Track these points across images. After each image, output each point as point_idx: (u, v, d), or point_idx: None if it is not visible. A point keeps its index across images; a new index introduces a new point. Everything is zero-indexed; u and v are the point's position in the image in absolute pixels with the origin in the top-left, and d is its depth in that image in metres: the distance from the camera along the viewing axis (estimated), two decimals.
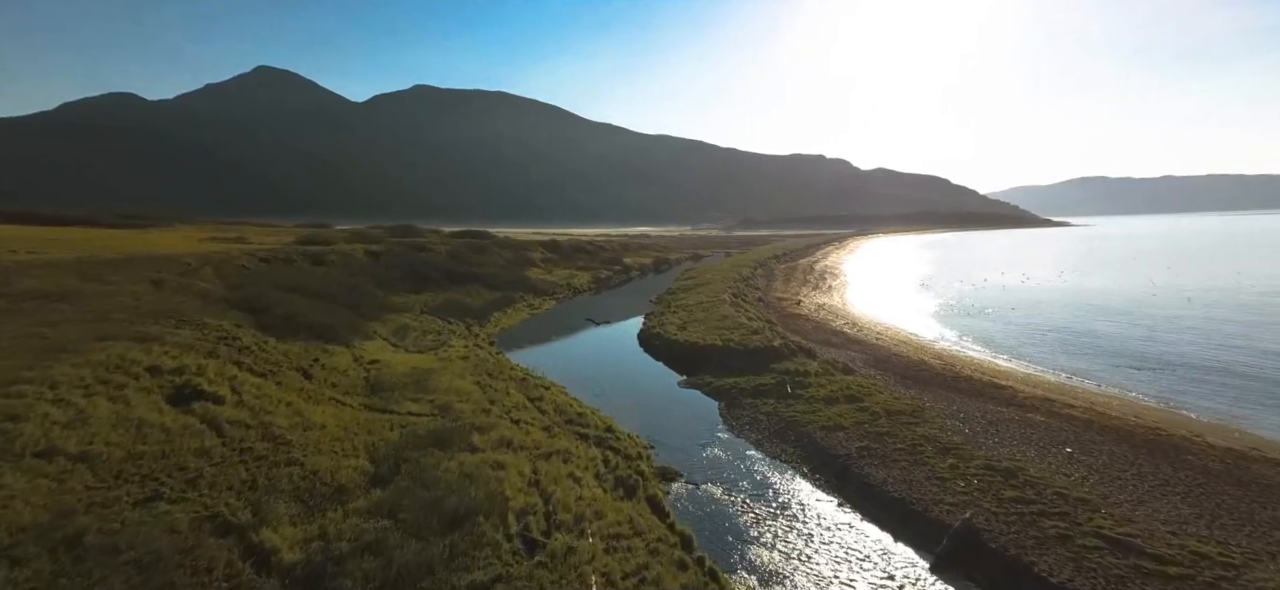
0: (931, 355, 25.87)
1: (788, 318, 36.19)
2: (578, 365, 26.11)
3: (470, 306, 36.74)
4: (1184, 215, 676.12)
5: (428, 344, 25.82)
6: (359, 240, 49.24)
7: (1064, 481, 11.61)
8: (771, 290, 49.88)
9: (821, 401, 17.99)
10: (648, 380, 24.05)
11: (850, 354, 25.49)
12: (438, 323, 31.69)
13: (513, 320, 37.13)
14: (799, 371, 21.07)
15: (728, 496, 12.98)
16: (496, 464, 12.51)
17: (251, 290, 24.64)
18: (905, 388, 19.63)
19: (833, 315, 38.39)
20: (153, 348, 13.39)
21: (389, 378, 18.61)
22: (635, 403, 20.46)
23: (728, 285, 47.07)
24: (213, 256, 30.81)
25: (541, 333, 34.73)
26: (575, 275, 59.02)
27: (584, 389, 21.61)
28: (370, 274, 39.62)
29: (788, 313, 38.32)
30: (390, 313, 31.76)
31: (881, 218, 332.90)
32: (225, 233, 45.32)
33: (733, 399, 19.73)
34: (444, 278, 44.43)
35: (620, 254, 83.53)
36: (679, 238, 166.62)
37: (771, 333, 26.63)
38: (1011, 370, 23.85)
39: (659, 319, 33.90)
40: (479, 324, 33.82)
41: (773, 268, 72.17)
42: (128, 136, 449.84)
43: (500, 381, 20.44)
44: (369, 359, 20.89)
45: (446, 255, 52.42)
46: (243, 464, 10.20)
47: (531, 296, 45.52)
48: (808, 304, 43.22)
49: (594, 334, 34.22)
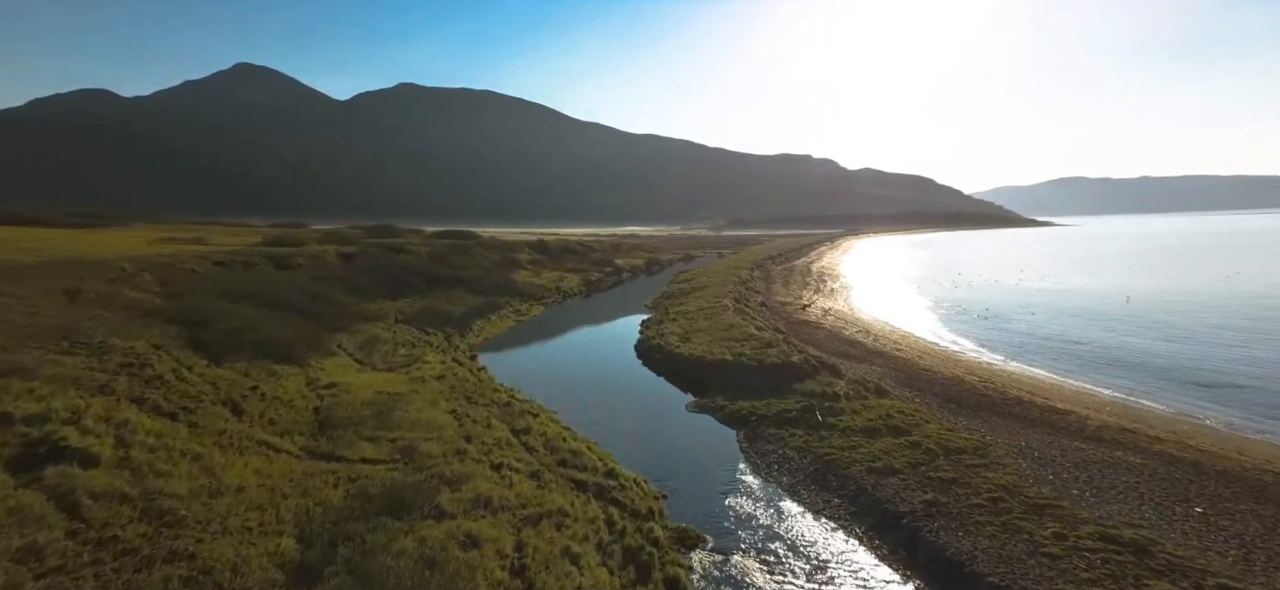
0: (963, 369, 23.23)
1: (796, 325, 33.46)
2: (570, 383, 23.11)
3: (451, 314, 33.54)
4: (1164, 216, 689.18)
5: (399, 360, 22.67)
6: (332, 241, 45.75)
7: (1223, 566, 8.86)
8: (773, 294, 47.21)
9: (861, 433, 15.18)
10: (651, 401, 21.13)
11: (874, 369, 22.78)
12: (413, 333, 28.51)
13: (498, 328, 33.99)
14: (826, 393, 18.27)
15: (769, 576, 10.08)
16: (468, 538, 9.51)
17: (194, 300, 21.31)
18: (953, 414, 16.92)
19: (843, 322, 35.75)
20: (12, 385, 10.19)
21: (346, 408, 15.47)
22: (639, 431, 17.53)
23: (728, 289, 44.29)
24: (157, 260, 27.34)
25: (529, 343, 31.66)
26: (564, 277, 55.94)
27: (578, 414, 18.65)
28: (341, 278, 36.25)
29: (795, 319, 35.60)
30: (360, 323, 28.51)
31: (869, 217, 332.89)
32: (184, 232, 41.62)
33: (753, 428, 16.86)
34: (423, 282, 41.15)
35: (611, 255, 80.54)
36: (668, 238, 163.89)
37: (787, 345, 23.82)
38: (1060, 386, 21.29)
39: (658, 327, 30.98)
40: (460, 334, 30.67)
41: (769, 269, 69.60)
42: (102, 134, 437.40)
43: (480, 408, 17.41)
44: (325, 382, 17.72)
45: (427, 257, 49.07)
46: (97, 566, 7.10)
47: (518, 301, 42.40)
48: (814, 309, 40.57)
49: (587, 344, 31.26)
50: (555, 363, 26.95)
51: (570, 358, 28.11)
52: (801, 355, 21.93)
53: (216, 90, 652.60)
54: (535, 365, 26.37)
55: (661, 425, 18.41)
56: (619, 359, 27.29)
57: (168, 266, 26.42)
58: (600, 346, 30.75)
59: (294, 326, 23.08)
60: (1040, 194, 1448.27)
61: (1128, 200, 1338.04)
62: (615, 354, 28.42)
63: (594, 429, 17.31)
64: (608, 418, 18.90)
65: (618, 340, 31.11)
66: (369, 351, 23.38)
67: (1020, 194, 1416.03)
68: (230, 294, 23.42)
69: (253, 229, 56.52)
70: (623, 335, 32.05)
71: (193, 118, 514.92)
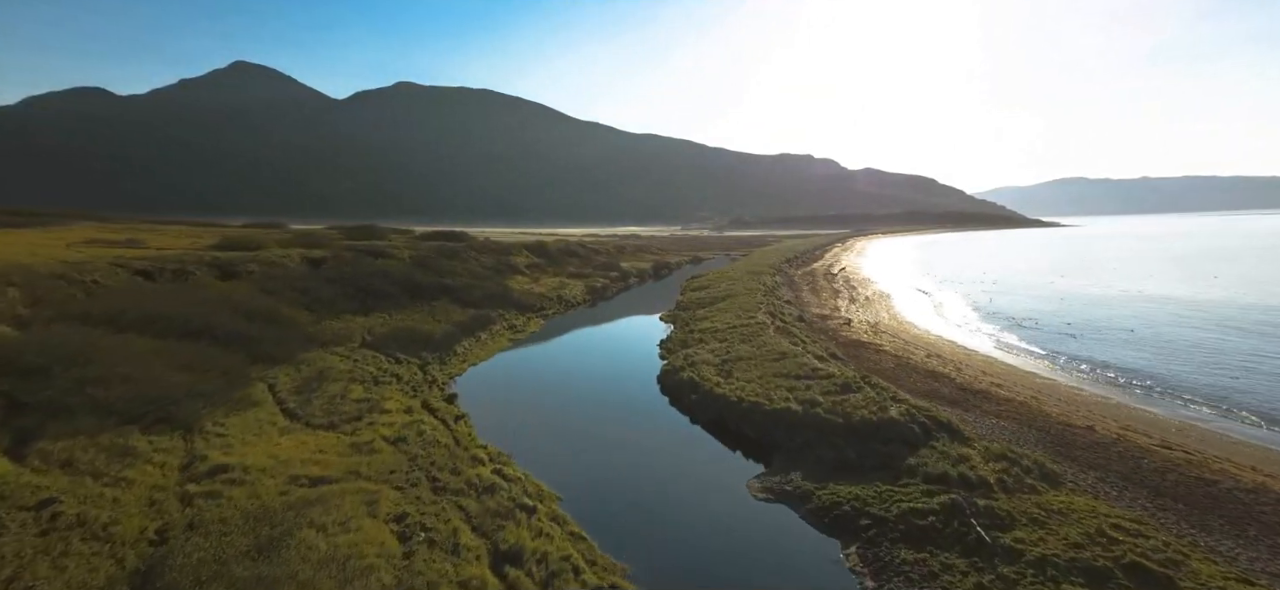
0: (1120, 423, 17.15)
1: (850, 347, 27.44)
2: (580, 439, 17.10)
3: (431, 335, 27.44)
4: (1166, 216, 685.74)
5: (347, 409, 16.60)
6: (299, 244, 39.65)
7: None
8: (805, 304, 41.16)
9: (1069, 573, 9.14)
10: (695, 475, 15.07)
11: (992, 421, 16.79)
12: (380, 362, 22.46)
13: (488, 351, 27.94)
14: (965, 478, 12.25)
15: None
16: None
17: (52, 332, 15.25)
18: (1179, 519, 10.93)
19: (902, 341, 29.75)
20: None
21: (212, 529, 9.32)
22: (689, 541, 11.53)
23: (756, 299, 38.26)
24: (45, 270, 21.21)
25: (526, 373, 25.58)
26: (566, 284, 49.92)
27: (594, 495, 12.77)
28: (300, 290, 30.12)
29: (846, 339, 29.58)
30: (312, 349, 22.46)
31: (873, 217, 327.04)
32: (118, 234, 35.47)
33: (871, 544, 10.81)
34: (403, 292, 35.10)
35: (615, 258, 74.49)
36: (671, 238, 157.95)
37: (871, 388, 17.75)
38: (1268, 449, 15.24)
39: (685, 352, 24.91)
40: (440, 361, 24.60)
41: (790, 274, 63.54)
42: (95, 132, 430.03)
43: (448, 505, 11.40)
44: (210, 465, 11.63)
45: (410, 262, 42.99)
46: None
47: (514, 314, 36.38)
48: (858, 324, 34.56)
49: (598, 374, 25.21)
50: (559, 405, 20.87)
51: (578, 396, 22.06)
52: (899, 405, 15.88)
53: (213, 89, 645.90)
54: (532, 409, 20.29)
55: (721, 526, 12.32)
56: (641, 399, 21.23)
57: (56, 278, 20.33)
58: (615, 377, 24.69)
59: (206, 361, 17.02)
60: (1040, 194, 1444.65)
61: (1127, 201, 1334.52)
62: (635, 390, 22.37)
63: (620, 531, 11.39)
64: (637, 506, 12.92)
65: (636, 368, 25.06)
66: (308, 396, 17.31)
67: (1020, 194, 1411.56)
68: (119, 319, 17.34)
69: (216, 229, 50.38)
70: (641, 360, 26.01)
71: (188, 116, 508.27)
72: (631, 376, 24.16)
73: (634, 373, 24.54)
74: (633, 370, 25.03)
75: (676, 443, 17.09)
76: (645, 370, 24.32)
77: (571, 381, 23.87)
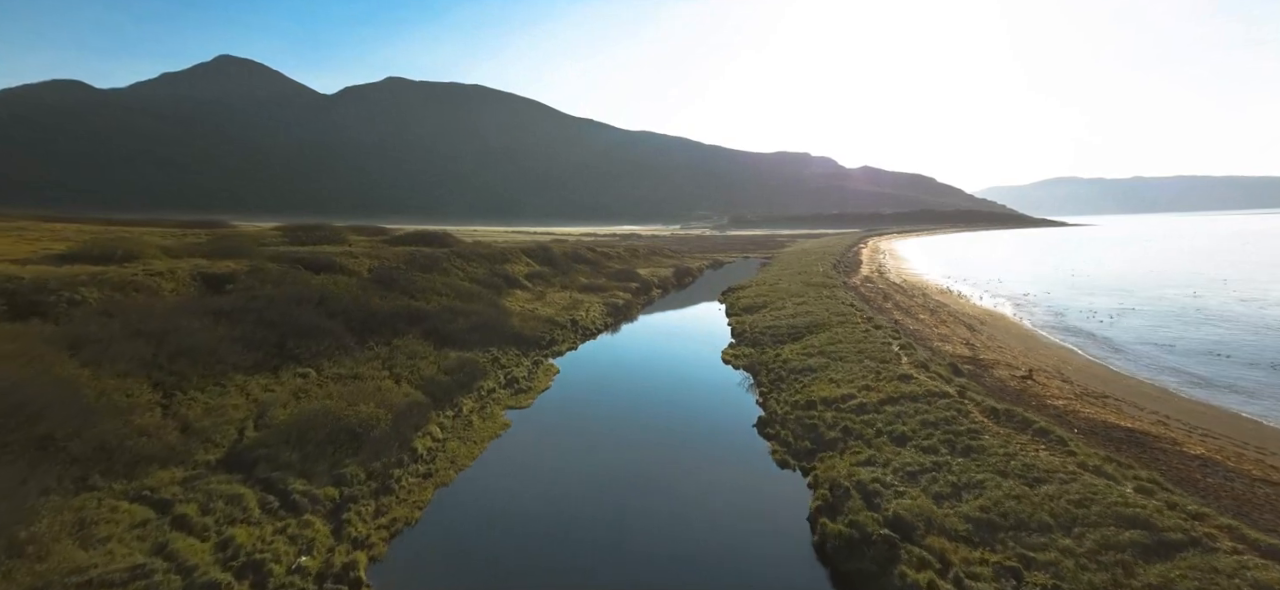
0: None
1: (1105, 434, 15.96)
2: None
3: (369, 425, 15.36)
4: (1167, 215, 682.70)
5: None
6: (204, 253, 27.63)
7: None
8: (924, 337, 29.60)
9: None
10: None
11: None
12: (245, 509, 10.80)
13: (471, 444, 16.26)
14: None
15: None
16: None
17: None
18: None
19: (1156, 416, 18.34)
20: None
21: None
22: None
23: (859, 329, 26.77)
24: None
25: (536, 495, 13.83)
26: (578, 302, 38.26)
27: None
28: (157, 339, 17.84)
29: (1059, 410, 18.07)
30: (112, 487, 10.78)
31: (880, 217, 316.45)
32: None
33: None
34: (347, 329, 23.32)
35: (631, 264, 62.82)
36: (675, 238, 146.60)
37: None
38: None
39: (849, 471, 13.35)
40: (376, 490, 12.96)
41: (852, 283, 52.03)
42: (72, 126, 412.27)
43: None
44: None
45: (368, 278, 31.13)
46: None
47: (512, 356, 24.79)
48: (1038, 376, 23.11)
49: (677, 501, 13.50)
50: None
51: (647, 562, 10.49)
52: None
53: (196, 83, 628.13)
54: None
55: None
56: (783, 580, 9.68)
57: None
58: (715, 517, 13.05)
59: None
60: (1034, 194, 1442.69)
61: (1121, 201, 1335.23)
62: (766, 551, 10.76)
63: None
64: None
65: (742, 480, 13.44)
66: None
67: (1014, 194, 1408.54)
68: None
69: (96, 227, 38.24)
70: (744, 457, 14.40)
71: (170, 111, 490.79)
72: (747, 513, 12.51)
73: (745, 501, 12.90)
74: (737, 486, 13.36)
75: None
76: (762, 489, 12.72)
77: (629, 526, 12.16)
